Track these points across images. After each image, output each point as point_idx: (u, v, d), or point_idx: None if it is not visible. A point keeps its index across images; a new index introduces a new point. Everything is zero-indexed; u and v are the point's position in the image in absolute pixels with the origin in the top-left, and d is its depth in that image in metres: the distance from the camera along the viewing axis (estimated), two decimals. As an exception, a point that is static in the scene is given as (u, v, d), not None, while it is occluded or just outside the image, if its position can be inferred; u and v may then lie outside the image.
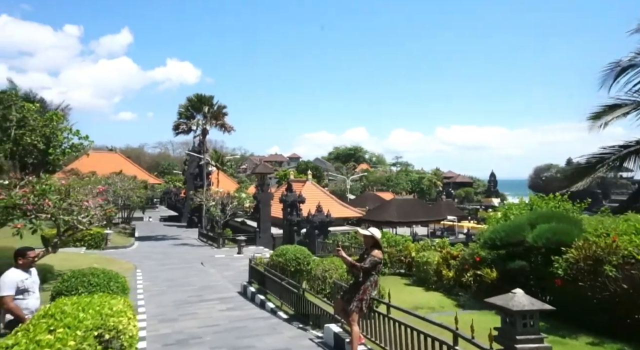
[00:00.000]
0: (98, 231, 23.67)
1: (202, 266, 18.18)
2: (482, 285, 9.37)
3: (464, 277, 10.18)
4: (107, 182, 34.68)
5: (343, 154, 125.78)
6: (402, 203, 40.21)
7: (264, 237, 28.83)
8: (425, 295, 10.89)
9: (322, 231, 21.03)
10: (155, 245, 28.59)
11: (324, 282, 8.61)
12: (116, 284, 7.65)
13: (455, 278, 10.87)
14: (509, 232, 9.06)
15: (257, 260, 12.32)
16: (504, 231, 9.16)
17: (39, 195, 11.41)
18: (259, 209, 28.84)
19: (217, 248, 26.27)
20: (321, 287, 8.66)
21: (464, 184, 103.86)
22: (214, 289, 13.06)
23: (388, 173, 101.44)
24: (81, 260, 16.39)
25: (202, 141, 35.96)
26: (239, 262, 19.42)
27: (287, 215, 24.32)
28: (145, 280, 14.56)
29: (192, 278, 15.14)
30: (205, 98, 34.74)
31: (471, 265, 10.19)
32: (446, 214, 44.40)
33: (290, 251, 10.98)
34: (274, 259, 11.15)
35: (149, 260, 20.15)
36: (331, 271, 8.59)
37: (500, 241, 9.06)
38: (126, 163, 59.78)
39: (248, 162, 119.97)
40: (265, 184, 29.71)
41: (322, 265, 8.99)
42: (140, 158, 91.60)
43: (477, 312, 8.29)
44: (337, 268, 8.63)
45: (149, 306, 10.59)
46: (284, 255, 10.96)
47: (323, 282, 8.64)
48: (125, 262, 17.28)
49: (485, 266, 9.57)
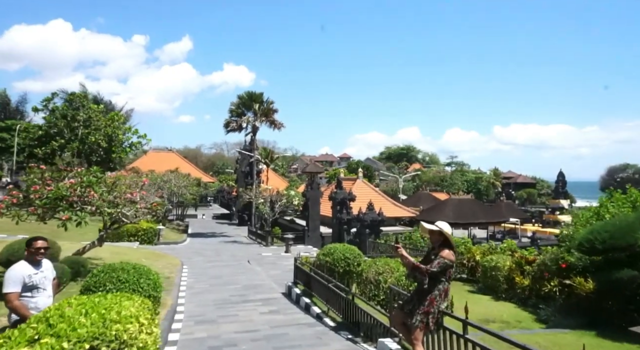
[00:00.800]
0: (151, 227, 24.08)
1: (248, 264, 17.64)
2: (571, 297, 7.68)
3: (545, 287, 8.52)
4: (162, 180, 35.79)
5: (395, 154, 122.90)
6: (458, 203, 37.75)
7: (313, 236, 28.05)
8: (495, 306, 9.37)
9: (373, 230, 19.79)
10: (206, 242, 28.77)
11: (378, 286, 7.45)
12: (147, 281, 6.99)
13: (531, 287, 9.24)
14: (614, 233, 7.21)
15: (303, 260, 11.39)
16: (607, 232, 7.30)
17: (85, 186, 11.27)
18: (308, 207, 28.10)
19: (265, 246, 25.83)
20: (374, 292, 7.52)
21: (526, 184, 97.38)
22: (259, 288, 12.32)
23: (442, 173, 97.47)
24: (132, 255, 16.41)
25: (252, 138, 35.93)
26: (285, 261, 18.69)
27: (336, 213, 23.32)
28: (190, 277, 14.17)
29: (238, 276, 14.56)
30: (255, 95, 34.68)
31: (554, 272, 8.52)
32: (507, 215, 41.19)
33: (338, 250, 9.93)
34: (320, 259, 10.16)
35: (198, 256, 20.01)
36: (385, 274, 7.42)
37: (603, 244, 7.24)
38: (182, 162, 61.97)
39: (299, 162, 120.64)
40: (314, 182, 28.93)
41: (375, 267, 7.83)
42: (196, 158, 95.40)
43: (570, 332, 6.71)
44: (392, 271, 7.45)
45: (189, 305, 10.00)
46: (331, 254, 9.94)
47: (376, 286, 7.49)
48: (173, 258, 17.13)
49: (575, 274, 7.88)
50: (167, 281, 12.11)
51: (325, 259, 9.90)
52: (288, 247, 21.80)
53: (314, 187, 28.33)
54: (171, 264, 15.28)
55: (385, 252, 17.99)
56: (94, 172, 11.78)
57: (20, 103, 55.00)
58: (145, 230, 23.62)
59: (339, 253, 9.83)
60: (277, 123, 34.97)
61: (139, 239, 23.36)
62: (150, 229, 23.84)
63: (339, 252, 9.85)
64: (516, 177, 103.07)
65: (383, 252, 18.41)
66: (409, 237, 20.49)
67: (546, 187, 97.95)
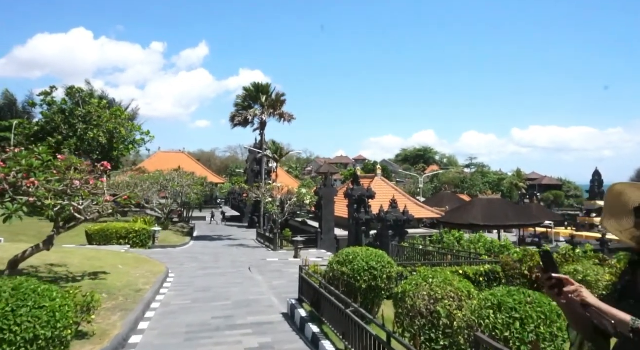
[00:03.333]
0: (144, 228, 21.46)
1: (249, 272, 14.75)
2: None
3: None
4: (165, 179, 33.32)
5: (411, 156, 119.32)
6: (488, 203, 34.28)
7: (327, 239, 25.02)
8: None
9: (397, 232, 16.72)
10: (208, 245, 26.05)
11: (434, 324, 4.36)
12: (35, 312, 4.07)
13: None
14: None
15: (311, 269, 8.42)
16: None
17: (23, 171, 8.54)
18: (322, 206, 25.10)
19: (272, 250, 22.95)
20: (429, 333, 4.44)
21: (552, 186, 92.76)
22: (253, 306, 9.38)
23: (463, 174, 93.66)
24: (108, 260, 13.70)
25: (260, 134, 33.18)
26: (293, 268, 15.73)
27: (353, 212, 20.28)
28: (172, 289, 11.33)
29: (232, 288, 11.66)
30: (262, 87, 31.95)
31: None
32: (541, 218, 37.45)
33: (360, 257, 6.94)
34: (334, 268, 7.17)
35: (192, 262, 17.22)
36: (448, 301, 4.37)
37: None
38: (192, 163, 59.95)
39: (313, 164, 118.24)
40: (329, 179, 25.96)
41: (424, 287, 4.76)
42: (210, 161, 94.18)
43: None
44: (458, 295, 4.41)
45: (148, 336, 7.13)
46: (350, 262, 6.96)
47: (432, 324, 4.40)
48: (159, 265, 14.33)
49: None
50: (134, 297, 9.28)
51: (342, 269, 6.89)
52: (297, 251, 18.85)
53: (328, 184, 25.34)
54: (152, 272, 12.48)
55: (413, 259, 14.89)
56: (37, 154, 9.03)
57: (27, 102, 53.58)
58: (137, 232, 20.98)
59: (360, 261, 6.83)
60: (285, 115, 32.11)
61: (130, 241, 20.72)
62: (143, 231, 21.20)
63: (360, 260, 6.85)
64: (541, 179, 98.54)
65: (410, 259, 15.30)
66: (438, 240, 17.35)
67: (573, 189, 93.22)
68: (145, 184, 32.09)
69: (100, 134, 33.60)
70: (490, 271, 9.58)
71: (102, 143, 34.03)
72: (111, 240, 20.26)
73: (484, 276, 9.49)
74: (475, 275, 9.41)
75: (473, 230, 30.80)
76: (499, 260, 10.17)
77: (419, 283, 4.87)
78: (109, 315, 7.58)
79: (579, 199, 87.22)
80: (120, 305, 8.43)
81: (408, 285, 4.96)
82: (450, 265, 10.24)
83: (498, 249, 13.81)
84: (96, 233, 20.19)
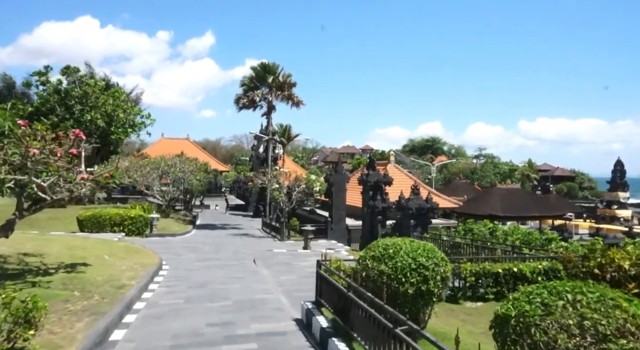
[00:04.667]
0: (140, 215, 19.78)
1: (253, 265, 13.02)
2: None
3: None
4: (166, 164, 31.65)
5: (419, 146, 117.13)
6: (507, 193, 32.34)
7: (337, 229, 23.28)
8: None
9: (420, 222, 14.91)
10: (211, 234, 24.41)
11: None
12: None
13: None
14: None
15: (332, 264, 6.64)
16: None
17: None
18: (332, 194, 23.30)
19: (279, 240, 21.23)
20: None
21: (565, 178, 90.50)
22: (259, 308, 7.65)
23: (473, 165, 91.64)
24: (93, 250, 12.02)
25: (267, 117, 31.29)
26: (303, 260, 14.00)
27: (368, 200, 18.45)
28: (163, 285, 9.62)
29: (233, 284, 9.94)
30: (269, 67, 29.98)
31: None
32: (561, 209, 35.42)
33: (403, 250, 5.10)
34: (369, 265, 5.34)
35: (191, 252, 15.53)
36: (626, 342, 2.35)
37: None
38: (196, 150, 58.35)
39: (319, 153, 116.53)
40: (340, 165, 24.10)
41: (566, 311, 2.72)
42: (215, 150, 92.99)
43: None
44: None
45: (125, 347, 5.39)
46: (390, 257, 5.13)
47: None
48: (152, 255, 12.63)
49: None
50: (113, 295, 7.56)
51: (379, 266, 5.06)
52: (307, 242, 17.10)
53: (340, 170, 23.48)
54: (142, 265, 10.78)
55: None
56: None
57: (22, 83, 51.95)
58: (133, 219, 19.31)
59: (404, 256, 5.00)
60: (295, 98, 30.18)
61: (125, 229, 19.06)
62: (140, 218, 19.51)
63: (404, 255, 5.02)
64: (553, 170, 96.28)
65: (450, 253, 13.47)
66: (465, 231, 15.48)
67: (587, 181, 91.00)
68: (146, 169, 30.51)
69: (97, 116, 31.86)
70: (549, 269, 7.78)
71: (100, 126, 32.30)
72: (104, 227, 18.62)
73: (542, 274, 7.70)
74: (532, 273, 7.60)
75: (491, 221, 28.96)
76: (557, 256, 8.36)
77: (550, 302, 2.97)
78: (72, 321, 5.86)
79: (593, 190, 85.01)
80: (93, 306, 6.72)
81: (527, 304, 3.03)
82: (495, 261, 8.44)
83: (540, 242, 11.97)
84: (88, 219, 18.56)
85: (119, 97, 34.38)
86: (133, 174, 29.25)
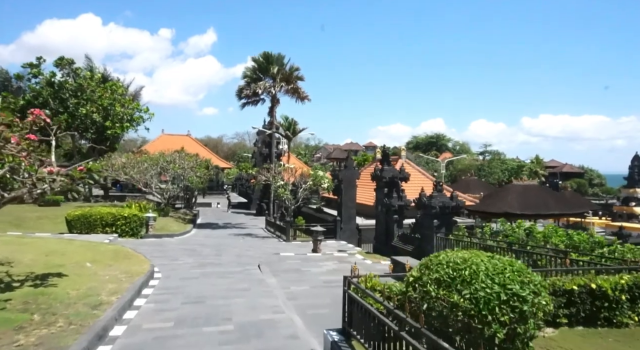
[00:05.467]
0: (135, 214, 18.20)
1: (258, 272, 11.42)
2: None
3: None
4: (165, 160, 30.09)
5: (423, 143, 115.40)
6: (523, 190, 30.61)
7: (347, 229, 21.69)
8: None
9: (444, 222, 13.28)
10: (212, 235, 22.87)
11: None
12: None
13: None
14: None
15: (367, 281, 5.03)
16: None
17: None
18: (341, 191, 21.68)
19: (285, 241, 19.66)
20: None
21: (573, 174, 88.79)
22: (267, 336, 6.06)
23: (479, 161, 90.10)
24: (72, 256, 10.45)
25: (271, 110, 29.64)
26: (314, 266, 12.39)
27: (382, 198, 16.82)
28: (152, 301, 8.04)
29: (235, 299, 8.35)
30: (273, 57, 28.29)
31: None
32: (581, 206, 33.70)
33: (482, 272, 3.48)
34: (430, 292, 3.72)
35: (188, 256, 13.96)
36: None
37: None
38: (197, 146, 56.73)
39: (322, 150, 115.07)
40: (350, 159, 22.46)
41: None
42: (217, 147, 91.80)
43: None
44: None
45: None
46: (466, 283, 3.48)
47: None
48: (142, 261, 11.04)
49: None
50: (83, 318, 5.98)
51: (450, 296, 3.41)
52: (316, 244, 15.49)
53: (349, 165, 21.84)
54: (128, 274, 9.20)
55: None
56: None
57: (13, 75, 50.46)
58: (127, 219, 17.74)
59: (487, 281, 3.34)
60: (301, 92, 28.49)
61: (119, 230, 17.51)
62: (134, 218, 17.94)
63: (486, 278, 3.35)
64: (561, 167, 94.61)
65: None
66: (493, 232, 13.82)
67: (596, 177, 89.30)
68: (143, 166, 28.93)
69: (93, 109, 30.29)
70: (634, 284, 6.17)
71: (96, 120, 30.75)
72: (95, 228, 17.08)
73: (625, 292, 6.09)
74: (614, 290, 5.98)
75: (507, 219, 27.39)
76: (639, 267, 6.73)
77: None
78: (16, 365, 4.27)
79: (603, 187, 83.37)
80: (51, 339, 5.14)
81: None
82: (560, 273, 6.81)
83: (589, 245, 10.34)
84: (77, 219, 17.00)
85: (116, 90, 32.81)
86: (130, 171, 27.72)
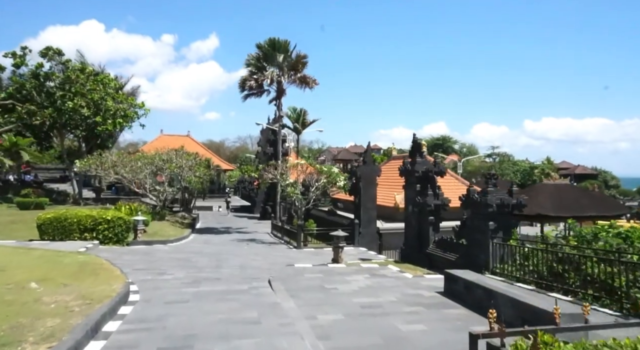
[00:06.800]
0: (120, 217, 15.41)
1: (270, 292, 8.62)
2: None
3: None
4: (161, 159, 27.42)
5: (429, 145, 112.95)
6: (555, 190, 27.68)
7: (366, 233, 18.91)
8: None
9: (501, 224, 10.54)
10: (212, 240, 20.15)
11: None
12: None
13: None
14: None
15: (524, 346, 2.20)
16: None
17: None
18: (359, 190, 18.91)
19: (295, 248, 16.89)
20: None
21: (587, 176, 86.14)
22: None
23: (489, 163, 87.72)
24: (16, 272, 7.70)
25: (277, 102, 26.95)
26: (342, 281, 9.57)
27: (415, 196, 14.03)
28: (111, 346, 5.23)
29: (240, 339, 5.55)
30: (279, 43, 25.65)
31: None
32: (617, 208, 30.79)
33: None
34: None
35: (181, 268, 11.19)
36: None
37: None
38: (197, 146, 54.11)
39: (326, 153, 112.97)
40: (368, 154, 19.71)
41: None
42: (219, 151, 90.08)
43: None
44: None
45: None
46: None
47: None
48: (115, 278, 8.25)
49: None
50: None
51: None
52: (338, 252, 12.68)
53: (369, 161, 19.08)
54: (88, 298, 6.43)
55: (533, 273, 8.67)
56: None
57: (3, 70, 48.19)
58: (109, 223, 14.95)
59: None
60: (309, 80, 25.82)
61: (100, 235, 14.72)
62: (117, 221, 15.14)
63: None
64: (573, 168, 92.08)
65: (530, 272, 9.07)
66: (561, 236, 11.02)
67: (611, 179, 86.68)
68: (136, 164, 26.24)
69: (82, 103, 27.63)
70: None
71: (85, 116, 28.08)
72: (71, 233, 14.30)
73: None
74: None
75: (540, 221, 24.66)
76: None
77: None
78: None
79: (619, 189, 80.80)
80: None
81: None
82: None
83: None
84: (48, 224, 14.23)
85: (108, 83, 30.20)
86: (120, 169, 25.02)
